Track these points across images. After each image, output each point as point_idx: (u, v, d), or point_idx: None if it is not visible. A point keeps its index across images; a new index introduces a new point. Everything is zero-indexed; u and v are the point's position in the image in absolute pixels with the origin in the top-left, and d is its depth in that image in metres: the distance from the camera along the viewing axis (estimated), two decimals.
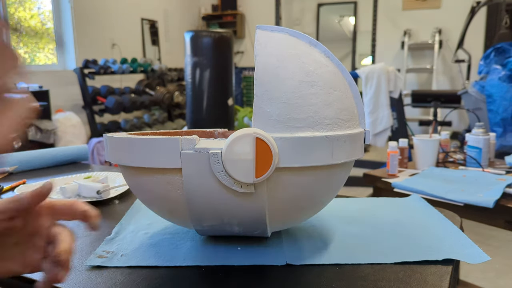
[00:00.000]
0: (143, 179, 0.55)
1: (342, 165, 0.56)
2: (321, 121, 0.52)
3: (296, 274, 0.54)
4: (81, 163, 1.24)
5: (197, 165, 0.49)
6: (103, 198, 0.84)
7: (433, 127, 1.62)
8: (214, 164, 0.49)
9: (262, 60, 0.53)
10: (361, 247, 0.61)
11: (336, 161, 0.52)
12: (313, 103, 0.52)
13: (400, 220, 0.71)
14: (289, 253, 0.58)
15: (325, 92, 0.53)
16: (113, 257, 0.59)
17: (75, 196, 0.86)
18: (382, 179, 1.38)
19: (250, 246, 0.61)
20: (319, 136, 0.51)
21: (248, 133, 0.48)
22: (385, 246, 0.61)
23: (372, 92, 3.03)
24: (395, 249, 0.60)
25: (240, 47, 6.26)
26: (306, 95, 0.52)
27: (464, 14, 4.00)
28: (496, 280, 1.93)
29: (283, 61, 0.53)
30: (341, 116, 0.54)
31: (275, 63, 0.53)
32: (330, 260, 0.56)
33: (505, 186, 1.17)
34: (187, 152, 0.49)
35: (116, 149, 0.56)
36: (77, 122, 3.74)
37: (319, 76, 0.54)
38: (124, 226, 0.70)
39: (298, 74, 0.53)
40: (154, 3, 5.44)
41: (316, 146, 0.50)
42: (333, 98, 0.54)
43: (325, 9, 5.93)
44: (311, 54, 0.56)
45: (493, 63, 2.84)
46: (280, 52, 0.54)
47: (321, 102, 0.53)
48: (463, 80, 4.22)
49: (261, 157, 0.48)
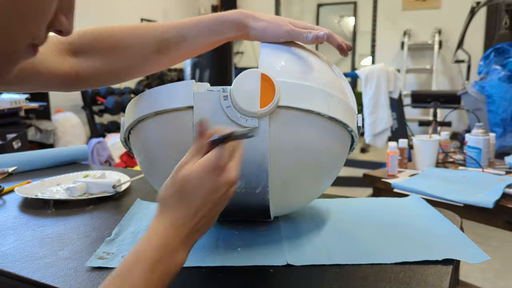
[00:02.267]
0: (158, 125, 0.58)
1: (340, 132, 0.60)
2: (321, 81, 0.58)
3: (297, 274, 0.54)
4: (80, 164, 1.24)
5: (208, 102, 0.55)
6: (118, 192, 0.88)
7: (432, 128, 1.62)
8: (223, 100, 0.54)
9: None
10: (361, 247, 0.61)
11: (333, 114, 0.57)
12: (317, 69, 0.60)
13: (400, 220, 0.71)
14: (290, 253, 0.58)
15: (328, 75, 0.61)
16: (114, 258, 0.59)
17: (84, 194, 0.88)
18: (381, 179, 1.38)
19: (250, 246, 0.61)
20: (317, 88, 0.56)
21: (255, 71, 0.54)
22: (385, 246, 0.61)
23: (372, 93, 3.03)
24: (395, 249, 0.60)
25: (240, 47, 6.26)
26: (312, 62, 0.61)
27: (464, 14, 4.00)
28: (496, 281, 1.93)
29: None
30: (337, 91, 0.60)
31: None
32: (330, 261, 0.56)
33: (505, 186, 1.17)
34: (199, 92, 0.55)
35: (139, 103, 0.60)
36: (76, 122, 3.74)
37: (320, 68, 0.61)
38: (124, 227, 0.70)
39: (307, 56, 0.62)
40: (153, 3, 5.45)
41: (314, 94, 0.56)
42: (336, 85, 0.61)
43: (325, 9, 5.93)
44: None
45: (493, 64, 2.84)
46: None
47: (323, 70, 0.61)
48: (462, 80, 4.23)
49: (265, 91, 0.53)
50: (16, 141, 2.72)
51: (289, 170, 0.57)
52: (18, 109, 3.03)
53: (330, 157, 0.61)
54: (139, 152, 0.64)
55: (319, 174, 0.62)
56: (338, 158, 0.63)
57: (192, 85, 0.55)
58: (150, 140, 0.60)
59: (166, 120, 0.57)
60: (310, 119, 0.56)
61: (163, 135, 0.58)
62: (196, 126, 0.48)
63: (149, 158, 0.62)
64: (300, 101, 0.55)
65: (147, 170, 0.65)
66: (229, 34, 0.61)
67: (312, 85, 0.56)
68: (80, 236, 0.68)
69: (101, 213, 0.79)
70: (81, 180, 0.90)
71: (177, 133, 0.57)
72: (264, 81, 0.54)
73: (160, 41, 0.60)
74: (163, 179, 0.59)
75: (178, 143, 0.57)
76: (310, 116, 0.56)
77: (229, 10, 0.62)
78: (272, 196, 0.58)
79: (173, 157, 0.56)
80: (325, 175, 0.63)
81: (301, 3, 5.97)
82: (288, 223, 0.69)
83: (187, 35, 0.60)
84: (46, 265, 0.57)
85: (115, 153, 3.55)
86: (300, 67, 0.59)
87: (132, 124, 0.61)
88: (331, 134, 0.59)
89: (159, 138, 0.59)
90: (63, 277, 0.54)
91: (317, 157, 0.59)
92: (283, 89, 0.54)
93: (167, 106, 0.56)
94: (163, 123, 0.58)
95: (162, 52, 0.61)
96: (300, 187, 0.61)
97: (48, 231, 0.70)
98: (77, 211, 0.80)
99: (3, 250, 0.63)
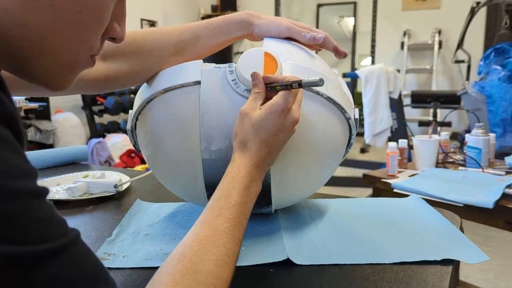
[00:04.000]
0: (166, 103, 0.60)
1: (338, 116, 0.62)
2: (320, 68, 0.62)
3: (297, 274, 0.54)
4: (80, 164, 1.24)
5: (215, 77, 0.58)
6: (119, 191, 0.89)
7: (432, 128, 1.62)
8: (228, 75, 0.58)
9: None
10: (361, 247, 0.61)
11: (330, 95, 0.60)
12: (317, 59, 0.64)
13: (399, 220, 0.71)
14: (290, 253, 0.58)
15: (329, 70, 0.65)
16: (115, 259, 0.59)
17: (84, 194, 0.88)
18: (381, 179, 1.38)
19: (250, 246, 0.61)
20: (316, 71, 0.60)
21: (259, 49, 0.59)
22: (384, 246, 0.61)
23: (372, 93, 3.03)
24: (394, 249, 0.60)
25: (240, 48, 6.26)
26: (312, 53, 0.66)
27: (463, 14, 4.00)
28: (495, 281, 1.93)
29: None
30: (335, 79, 0.64)
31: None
32: (329, 261, 0.56)
33: (505, 186, 1.17)
34: (207, 69, 0.59)
35: (149, 86, 0.63)
36: (76, 122, 3.74)
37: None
38: (124, 228, 0.70)
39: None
40: (153, 3, 5.45)
41: (313, 75, 0.59)
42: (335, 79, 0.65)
43: (324, 9, 5.93)
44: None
45: (493, 64, 2.84)
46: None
47: (322, 63, 0.65)
48: (462, 80, 4.23)
49: (268, 66, 0.58)
50: None
51: (289, 146, 0.57)
52: (18, 109, 3.03)
53: (329, 138, 0.62)
54: (145, 135, 0.64)
55: (319, 155, 0.62)
56: (336, 143, 0.64)
57: (200, 64, 0.60)
58: (157, 119, 0.61)
59: (174, 96, 0.60)
60: (310, 96, 0.59)
61: (170, 112, 0.60)
62: (251, 76, 0.55)
63: (154, 140, 0.62)
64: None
65: (151, 155, 0.65)
66: (236, 33, 0.67)
67: (311, 68, 0.61)
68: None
69: (101, 213, 0.79)
70: (81, 180, 0.90)
71: (183, 108, 0.59)
72: (268, 58, 0.58)
73: (177, 43, 0.65)
74: (166, 164, 0.63)
75: (183, 118, 0.59)
76: (309, 93, 0.59)
77: (236, 12, 0.68)
78: (273, 177, 0.60)
79: (178, 134, 0.59)
80: (325, 158, 0.63)
81: (301, 3, 5.98)
82: (288, 223, 0.69)
83: (200, 37, 0.66)
84: None
85: (115, 153, 3.55)
86: (301, 54, 0.63)
87: (141, 105, 0.63)
88: (329, 114, 0.61)
89: (166, 115, 0.60)
90: None
91: (316, 135, 0.60)
92: (285, 68, 0.58)
93: (175, 83, 0.59)
94: (171, 99, 0.60)
95: (179, 53, 0.65)
96: (301, 168, 0.62)
97: None
98: (77, 211, 0.80)
99: None
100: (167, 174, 0.65)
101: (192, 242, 0.41)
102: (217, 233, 0.43)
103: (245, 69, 0.57)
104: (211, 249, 0.41)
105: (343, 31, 5.98)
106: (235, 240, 0.44)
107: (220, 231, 0.43)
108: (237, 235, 0.44)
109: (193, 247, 0.41)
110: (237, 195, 0.48)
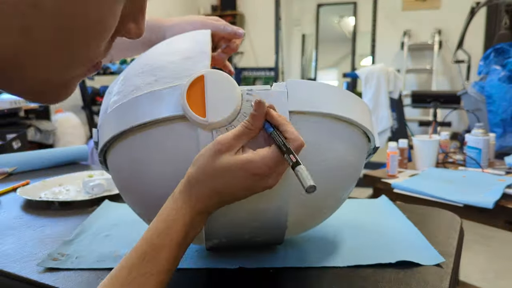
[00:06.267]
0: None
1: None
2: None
3: (296, 274, 0.54)
4: (80, 164, 1.24)
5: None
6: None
7: (432, 128, 1.62)
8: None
9: None
10: (322, 248, 0.60)
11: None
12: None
13: (363, 222, 0.71)
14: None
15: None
16: (68, 259, 0.58)
17: (102, 192, 0.88)
18: (381, 179, 1.38)
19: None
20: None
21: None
22: (342, 248, 0.61)
23: (372, 93, 3.03)
24: (351, 252, 0.59)
25: (239, 48, 6.26)
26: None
27: (463, 14, 4.00)
28: (495, 281, 1.93)
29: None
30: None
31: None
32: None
33: (505, 186, 1.17)
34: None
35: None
36: (76, 122, 3.73)
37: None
38: (86, 228, 0.70)
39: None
40: (153, 3, 5.44)
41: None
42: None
43: (324, 9, 5.93)
44: None
45: (493, 64, 2.84)
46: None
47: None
48: (462, 80, 4.22)
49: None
50: (16, 141, 2.72)
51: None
52: (18, 109, 3.03)
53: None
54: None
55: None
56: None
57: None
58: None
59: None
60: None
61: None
62: (254, 103, 0.43)
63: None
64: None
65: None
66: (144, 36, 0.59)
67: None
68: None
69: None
70: (100, 178, 0.90)
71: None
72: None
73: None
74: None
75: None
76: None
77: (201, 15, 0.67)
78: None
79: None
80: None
81: (301, 3, 5.97)
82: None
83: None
84: (42, 271, 0.57)
85: None
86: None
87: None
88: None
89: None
90: (63, 277, 0.54)
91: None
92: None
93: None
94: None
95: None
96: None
97: (48, 231, 0.70)
98: (78, 212, 0.80)
99: (3, 250, 0.63)
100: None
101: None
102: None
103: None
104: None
105: (343, 31, 5.98)
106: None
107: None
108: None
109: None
110: (168, 254, 0.41)
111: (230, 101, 0.45)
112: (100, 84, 4.17)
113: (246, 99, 0.46)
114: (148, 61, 0.52)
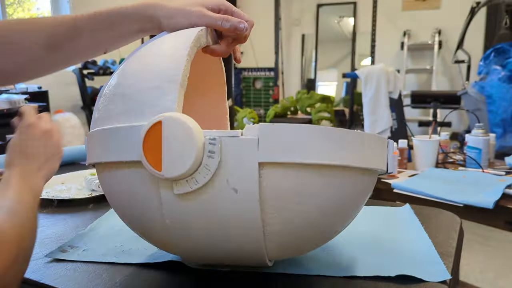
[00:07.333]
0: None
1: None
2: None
3: (296, 275, 0.53)
4: (80, 164, 1.24)
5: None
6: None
7: (432, 128, 1.62)
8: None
9: None
10: (330, 257, 0.58)
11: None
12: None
13: (379, 231, 0.68)
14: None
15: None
16: (75, 252, 0.59)
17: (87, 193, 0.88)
18: (381, 179, 1.38)
19: None
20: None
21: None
22: (350, 257, 0.58)
23: (372, 93, 3.03)
24: (355, 261, 0.57)
25: (240, 47, 6.26)
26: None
27: (463, 14, 4.00)
28: (495, 281, 1.93)
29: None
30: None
31: None
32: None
33: (505, 186, 1.17)
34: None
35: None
36: (76, 122, 3.73)
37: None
38: (102, 222, 0.71)
39: None
40: None
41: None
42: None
43: (324, 9, 5.93)
44: None
45: (493, 64, 2.84)
46: None
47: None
48: (462, 80, 4.23)
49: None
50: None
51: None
52: (18, 110, 3.03)
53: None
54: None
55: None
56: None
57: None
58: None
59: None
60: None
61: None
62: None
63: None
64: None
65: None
66: (133, 26, 0.55)
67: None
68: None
69: (101, 213, 0.78)
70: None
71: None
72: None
73: (50, 35, 0.53)
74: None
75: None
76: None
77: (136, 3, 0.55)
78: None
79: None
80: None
81: (301, 3, 5.97)
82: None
83: (83, 29, 0.54)
84: (45, 265, 0.57)
85: None
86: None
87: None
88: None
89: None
90: (63, 277, 0.54)
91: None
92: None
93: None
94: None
95: (54, 48, 0.54)
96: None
97: (48, 231, 0.70)
98: (77, 210, 0.81)
99: None
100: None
101: None
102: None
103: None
104: None
105: (343, 31, 5.98)
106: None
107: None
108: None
109: None
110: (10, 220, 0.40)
111: (189, 153, 0.39)
112: (100, 84, 4.17)
113: (209, 149, 0.40)
114: (125, 78, 0.48)
